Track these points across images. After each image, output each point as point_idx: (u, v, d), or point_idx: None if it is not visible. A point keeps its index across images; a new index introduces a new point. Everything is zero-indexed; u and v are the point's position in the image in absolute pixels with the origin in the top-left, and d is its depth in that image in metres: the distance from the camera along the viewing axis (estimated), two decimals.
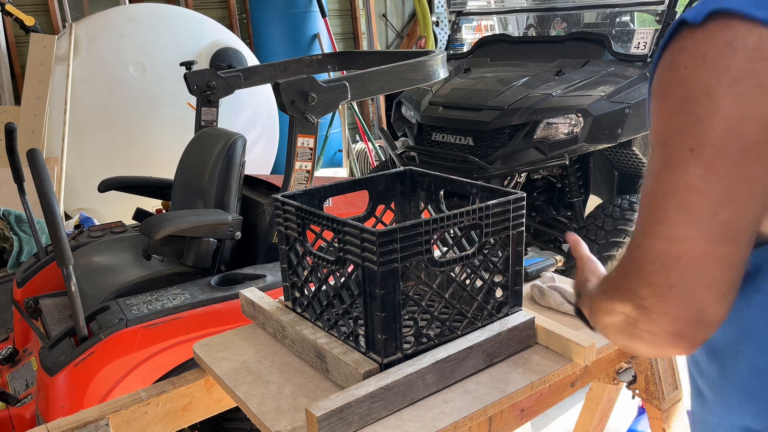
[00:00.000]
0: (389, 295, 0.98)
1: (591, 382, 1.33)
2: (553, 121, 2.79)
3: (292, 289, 1.23)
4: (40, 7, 4.75)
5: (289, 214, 1.16)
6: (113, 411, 1.13)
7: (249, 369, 1.15)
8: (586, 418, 1.66)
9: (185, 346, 1.82)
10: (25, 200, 2.32)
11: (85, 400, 1.70)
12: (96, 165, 4.18)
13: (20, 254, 3.31)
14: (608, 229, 2.82)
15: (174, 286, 2.00)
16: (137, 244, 2.40)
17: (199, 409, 1.25)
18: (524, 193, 1.13)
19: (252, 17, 5.59)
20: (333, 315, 1.12)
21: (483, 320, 1.13)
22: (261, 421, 1.00)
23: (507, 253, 1.13)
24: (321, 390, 1.06)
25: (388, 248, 0.96)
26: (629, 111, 2.75)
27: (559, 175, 3.32)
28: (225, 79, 2.63)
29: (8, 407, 1.93)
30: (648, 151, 3.12)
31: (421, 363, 1.02)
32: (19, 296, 2.36)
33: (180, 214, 2.05)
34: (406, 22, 6.81)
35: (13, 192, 2.74)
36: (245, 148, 2.31)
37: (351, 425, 0.94)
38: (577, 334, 1.12)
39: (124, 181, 2.72)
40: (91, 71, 4.17)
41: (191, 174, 2.37)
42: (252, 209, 2.35)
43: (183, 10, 4.77)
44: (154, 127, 4.33)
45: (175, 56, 4.21)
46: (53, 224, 1.62)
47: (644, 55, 3.07)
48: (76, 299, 1.71)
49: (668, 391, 1.31)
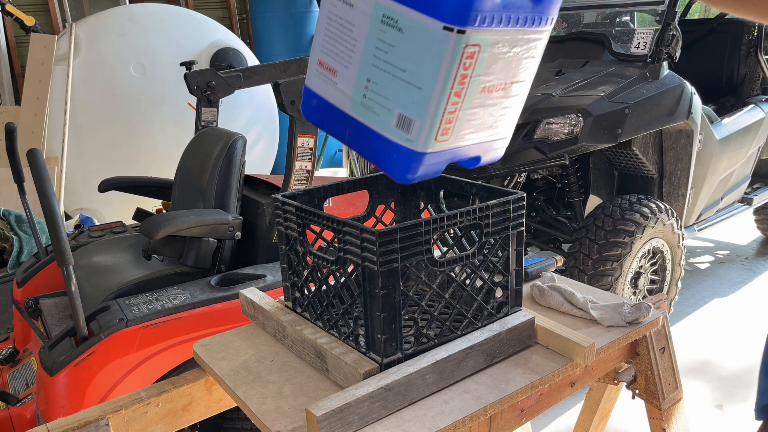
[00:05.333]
0: (389, 295, 0.99)
1: (591, 382, 1.33)
2: (553, 121, 2.79)
3: (292, 289, 1.23)
4: (40, 7, 4.76)
5: (289, 214, 1.16)
6: (113, 411, 1.13)
7: (249, 369, 1.15)
8: (586, 418, 1.66)
9: (185, 346, 1.82)
10: (25, 200, 2.33)
11: (85, 400, 1.70)
12: (96, 165, 4.18)
13: (20, 254, 3.31)
14: (608, 229, 2.82)
15: (174, 286, 2.00)
16: (137, 244, 2.40)
17: (199, 409, 1.25)
18: (524, 193, 1.13)
19: (252, 17, 5.59)
20: (333, 315, 1.12)
21: (483, 320, 1.13)
22: (261, 421, 1.00)
23: (507, 253, 1.13)
24: (321, 390, 1.07)
25: (388, 248, 0.96)
26: (629, 111, 2.75)
27: (559, 175, 3.32)
28: (225, 79, 2.63)
29: (8, 407, 1.93)
30: (648, 151, 3.12)
31: (421, 363, 1.02)
32: (19, 296, 2.36)
33: (180, 214, 2.05)
34: None
35: (13, 192, 2.74)
36: (245, 148, 2.31)
37: (351, 425, 0.94)
38: (577, 334, 1.12)
39: (124, 181, 2.72)
40: (91, 71, 4.17)
41: (191, 174, 2.38)
42: (252, 209, 2.35)
43: (183, 10, 4.77)
44: (154, 127, 4.34)
45: (175, 56, 4.21)
46: (53, 224, 1.62)
47: (644, 55, 3.07)
48: (76, 299, 1.71)
49: (668, 391, 1.31)
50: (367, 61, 0.93)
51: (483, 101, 0.96)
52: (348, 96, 0.97)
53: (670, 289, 3.18)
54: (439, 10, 0.84)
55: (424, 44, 0.86)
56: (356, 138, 0.98)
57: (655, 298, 1.35)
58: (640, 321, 1.22)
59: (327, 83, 1.01)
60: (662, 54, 3.01)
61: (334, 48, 0.98)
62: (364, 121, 0.96)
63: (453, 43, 0.85)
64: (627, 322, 1.21)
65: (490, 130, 1.02)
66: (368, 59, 0.93)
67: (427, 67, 0.87)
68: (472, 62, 0.88)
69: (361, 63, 0.94)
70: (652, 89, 2.90)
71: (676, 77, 3.04)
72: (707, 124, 3.29)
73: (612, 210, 2.89)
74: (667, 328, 1.32)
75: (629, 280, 2.92)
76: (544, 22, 0.97)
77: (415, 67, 0.88)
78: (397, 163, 0.93)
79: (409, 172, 0.93)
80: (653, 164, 3.17)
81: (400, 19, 0.88)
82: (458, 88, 0.89)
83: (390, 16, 0.89)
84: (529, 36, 0.96)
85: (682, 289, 3.27)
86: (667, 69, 3.05)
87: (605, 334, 1.19)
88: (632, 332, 1.20)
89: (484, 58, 0.90)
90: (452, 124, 0.93)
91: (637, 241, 2.84)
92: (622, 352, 1.28)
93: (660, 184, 3.24)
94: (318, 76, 1.02)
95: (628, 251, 2.81)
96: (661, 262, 3.08)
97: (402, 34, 0.88)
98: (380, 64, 0.91)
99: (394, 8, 0.88)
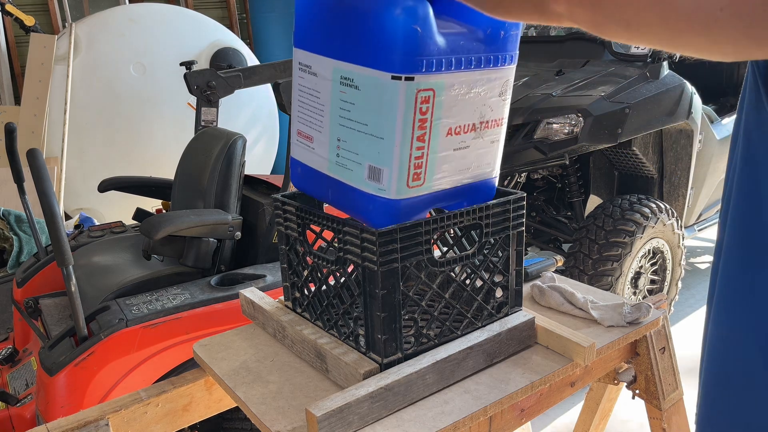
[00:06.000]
0: (389, 295, 0.98)
1: (591, 382, 1.33)
2: (553, 121, 2.79)
3: (292, 289, 1.23)
4: (40, 7, 4.76)
5: (289, 214, 1.16)
6: (113, 411, 1.13)
7: (249, 369, 1.15)
8: (586, 418, 1.66)
9: (185, 346, 1.82)
10: (25, 200, 2.33)
11: (85, 400, 1.70)
12: (96, 165, 4.18)
13: (20, 254, 3.31)
14: (608, 229, 2.82)
15: (174, 286, 2.00)
16: (137, 244, 2.40)
17: (199, 409, 1.25)
18: (524, 193, 1.13)
19: (252, 17, 5.59)
20: (333, 315, 1.12)
21: (483, 320, 1.13)
22: (261, 421, 1.00)
23: (507, 253, 1.13)
24: (321, 390, 1.06)
25: (388, 248, 0.96)
26: (629, 111, 2.75)
27: (559, 175, 3.32)
28: (225, 79, 2.63)
29: (8, 407, 1.93)
30: (648, 151, 3.12)
31: (421, 363, 1.02)
32: (19, 296, 2.36)
33: (180, 214, 2.05)
34: None
35: (13, 192, 2.74)
36: (245, 148, 2.31)
37: (351, 425, 0.94)
38: (578, 334, 1.12)
39: (124, 181, 2.72)
40: (91, 71, 4.17)
41: (191, 174, 2.38)
42: (252, 209, 2.35)
43: (183, 10, 4.77)
44: (154, 127, 4.33)
45: (175, 56, 4.21)
46: (53, 224, 1.62)
47: (644, 55, 3.07)
48: (76, 299, 1.71)
49: (668, 391, 1.31)
50: (335, 122, 0.98)
51: (452, 144, 0.99)
52: (325, 158, 1.03)
53: (671, 289, 3.18)
54: (385, 62, 0.89)
55: (378, 96, 0.91)
56: (337, 196, 1.04)
57: (655, 298, 1.35)
58: (640, 321, 1.22)
59: (307, 150, 1.07)
60: (662, 54, 3.01)
61: (307, 117, 1.04)
62: (340, 178, 1.01)
63: (404, 90, 0.89)
64: (627, 322, 1.21)
65: (469, 172, 1.05)
66: (336, 120, 0.98)
67: (384, 117, 0.91)
68: (428, 106, 0.92)
69: (330, 125, 0.99)
70: (652, 89, 2.90)
71: (676, 77, 3.04)
72: (707, 124, 3.29)
73: (612, 210, 2.89)
74: (668, 328, 1.32)
75: (629, 280, 2.92)
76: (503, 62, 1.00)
77: (375, 119, 0.92)
78: (374, 213, 0.97)
79: (387, 220, 0.97)
80: (653, 164, 3.17)
81: (355, 77, 0.93)
82: (419, 132, 0.93)
83: (346, 76, 0.94)
84: (489, 76, 0.99)
85: (682, 289, 3.27)
86: (667, 69, 3.05)
87: (605, 334, 1.19)
88: (632, 332, 1.20)
89: (441, 102, 0.94)
90: (422, 169, 0.97)
91: (638, 241, 2.83)
92: (622, 352, 1.28)
93: (660, 184, 3.24)
94: (299, 146, 1.09)
95: (629, 251, 2.81)
96: (662, 262, 3.08)
97: (359, 91, 0.93)
98: (346, 123, 0.96)
99: (349, 68, 0.93)
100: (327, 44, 0.97)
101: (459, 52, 0.92)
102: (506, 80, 1.02)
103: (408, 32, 0.86)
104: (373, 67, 0.90)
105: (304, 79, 1.03)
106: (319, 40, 0.98)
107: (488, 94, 1.00)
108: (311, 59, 1.01)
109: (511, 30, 0.99)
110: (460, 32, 0.93)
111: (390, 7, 0.86)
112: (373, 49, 0.89)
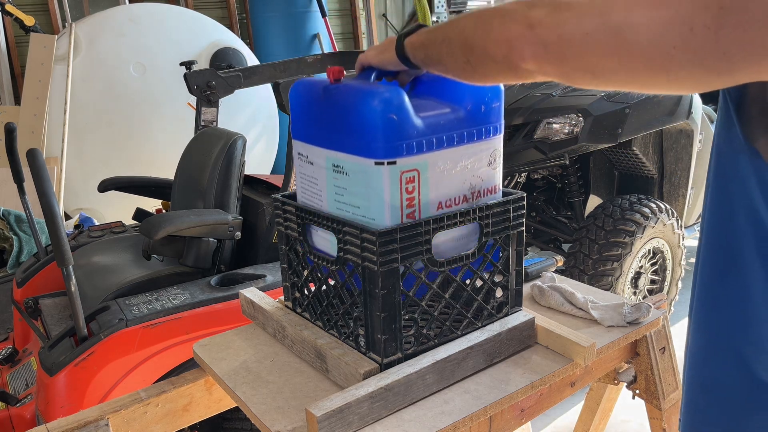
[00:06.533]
0: (389, 295, 0.98)
1: (591, 382, 1.33)
2: (553, 121, 2.79)
3: (292, 289, 1.23)
4: (40, 7, 4.75)
5: (289, 214, 1.16)
6: (113, 411, 1.13)
7: (249, 369, 1.15)
8: (586, 418, 1.66)
9: (185, 346, 1.82)
10: (25, 200, 2.32)
11: (85, 400, 1.70)
12: (96, 165, 4.18)
13: (20, 254, 3.31)
14: (608, 229, 2.82)
15: (174, 286, 2.00)
16: (137, 244, 2.39)
17: (199, 409, 1.25)
18: (524, 193, 1.13)
19: (252, 17, 5.58)
20: (333, 315, 1.12)
21: (483, 320, 1.13)
22: (261, 421, 1.00)
23: (507, 253, 1.13)
24: (321, 390, 1.06)
25: (388, 248, 0.96)
26: (629, 111, 2.75)
27: (559, 175, 3.32)
28: (225, 79, 2.63)
29: (8, 407, 1.93)
30: (648, 151, 3.12)
31: (421, 363, 1.02)
32: (18, 296, 2.36)
33: (180, 214, 2.05)
34: (406, 21, 6.81)
35: (13, 192, 2.74)
36: (245, 148, 2.31)
37: (351, 425, 0.94)
38: (578, 334, 1.12)
39: (124, 181, 2.72)
40: (91, 71, 4.17)
41: (191, 174, 2.37)
42: (252, 209, 2.35)
43: (183, 10, 4.77)
44: (154, 127, 4.33)
45: (175, 56, 4.20)
46: (53, 224, 1.62)
47: None
48: (76, 299, 1.71)
49: (668, 391, 1.31)
50: (333, 206, 1.05)
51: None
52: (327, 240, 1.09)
53: (671, 289, 3.18)
54: (368, 149, 0.95)
55: (366, 181, 0.97)
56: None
57: (656, 298, 1.35)
58: (641, 321, 1.22)
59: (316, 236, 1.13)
60: None
61: (310, 200, 1.10)
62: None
63: (388, 174, 0.95)
64: (627, 322, 1.21)
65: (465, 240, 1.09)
66: (333, 204, 1.05)
67: (373, 200, 0.97)
68: (414, 185, 0.98)
69: (329, 209, 1.06)
70: None
71: None
72: (707, 124, 3.29)
73: (612, 210, 2.89)
74: (668, 328, 1.32)
75: (629, 280, 2.92)
76: (487, 135, 1.06)
77: (365, 202, 0.98)
78: None
79: None
80: (653, 164, 3.17)
81: (345, 165, 1.00)
82: (409, 210, 0.98)
83: (337, 164, 1.01)
84: (475, 149, 1.05)
85: (682, 289, 3.27)
86: None
87: (605, 334, 1.19)
88: (632, 332, 1.20)
89: (427, 179, 0.99)
90: None
91: (638, 241, 2.83)
92: (622, 352, 1.28)
93: (660, 184, 3.24)
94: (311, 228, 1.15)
95: (629, 251, 2.80)
96: (662, 262, 3.08)
97: (349, 177, 1.00)
98: (341, 206, 1.03)
99: (338, 157, 1.01)
100: (319, 135, 1.05)
101: (440, 131, 0.99)
102: (494, 149, 1.08)
103: (385, 121, 0.93)
104: (359, 154, 0.96)
105: (303, 167, 1.11)
106: (313, 132, 1.07)
107: (476, 165, 1.05)
108: (307, 149, 1.09)
109: (493, 103, 1.05)
110: (441, 112, 1.00)
111: (367, 99, 0.94)
112: (356, 138, 0.96)
